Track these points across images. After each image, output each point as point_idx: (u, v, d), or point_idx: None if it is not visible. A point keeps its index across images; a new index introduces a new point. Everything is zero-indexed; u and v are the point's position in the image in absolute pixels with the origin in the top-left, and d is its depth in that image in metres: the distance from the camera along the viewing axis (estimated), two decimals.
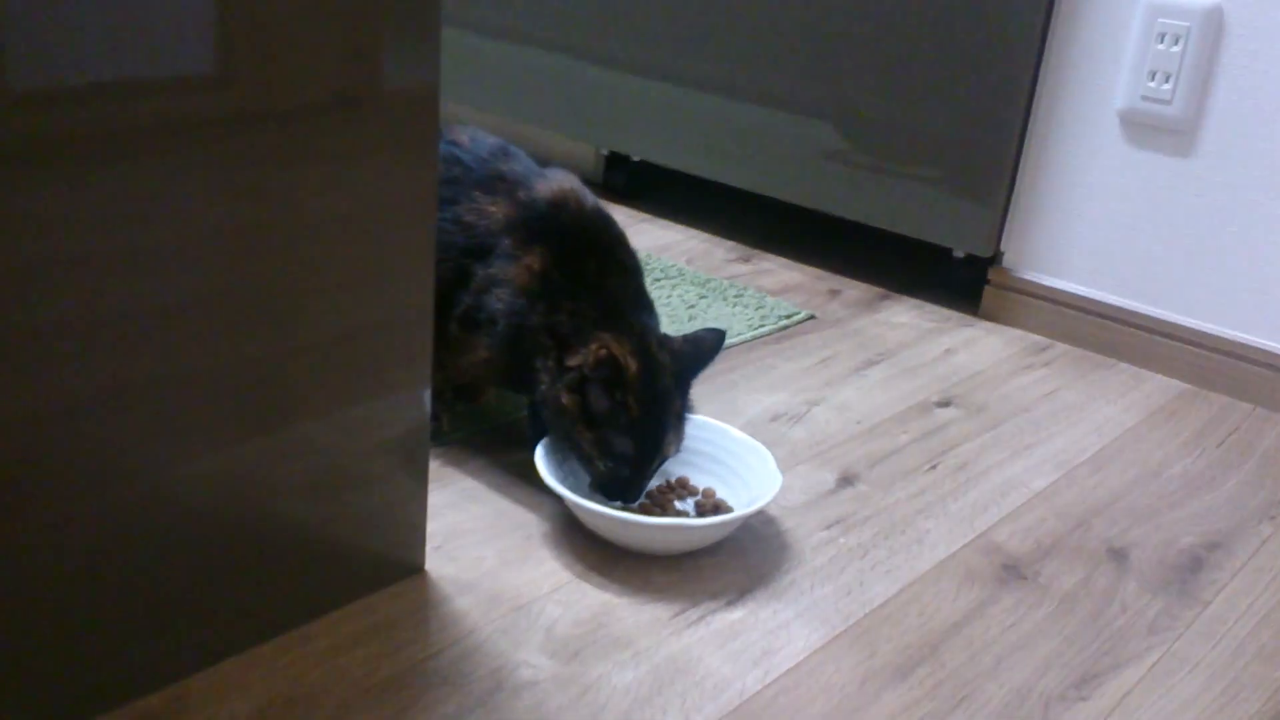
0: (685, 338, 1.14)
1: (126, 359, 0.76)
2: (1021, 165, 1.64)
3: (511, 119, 2.16)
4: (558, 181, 1.17)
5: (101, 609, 0.81)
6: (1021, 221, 1.66)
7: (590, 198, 1.18)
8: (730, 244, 1.91)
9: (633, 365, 1.05)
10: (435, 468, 1.17)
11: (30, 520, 0.75)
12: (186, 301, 0.78)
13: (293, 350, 0.86)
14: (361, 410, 0.92)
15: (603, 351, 1.04)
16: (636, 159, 2.04)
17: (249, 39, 0.76)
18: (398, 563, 1.01)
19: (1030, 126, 1.62)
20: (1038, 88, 1.60)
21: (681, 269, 1.73)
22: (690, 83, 1.89)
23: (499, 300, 1.11)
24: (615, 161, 2.08)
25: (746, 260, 1.85)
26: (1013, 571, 1.11)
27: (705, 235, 1.94)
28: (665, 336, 1.13)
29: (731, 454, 1.16)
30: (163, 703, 0.85)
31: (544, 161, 1.25)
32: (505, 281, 1.11)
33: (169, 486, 0.82)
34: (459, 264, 1.12)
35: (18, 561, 0.76)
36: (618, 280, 1.13)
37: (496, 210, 1.13)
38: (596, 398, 1.05)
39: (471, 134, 1.22)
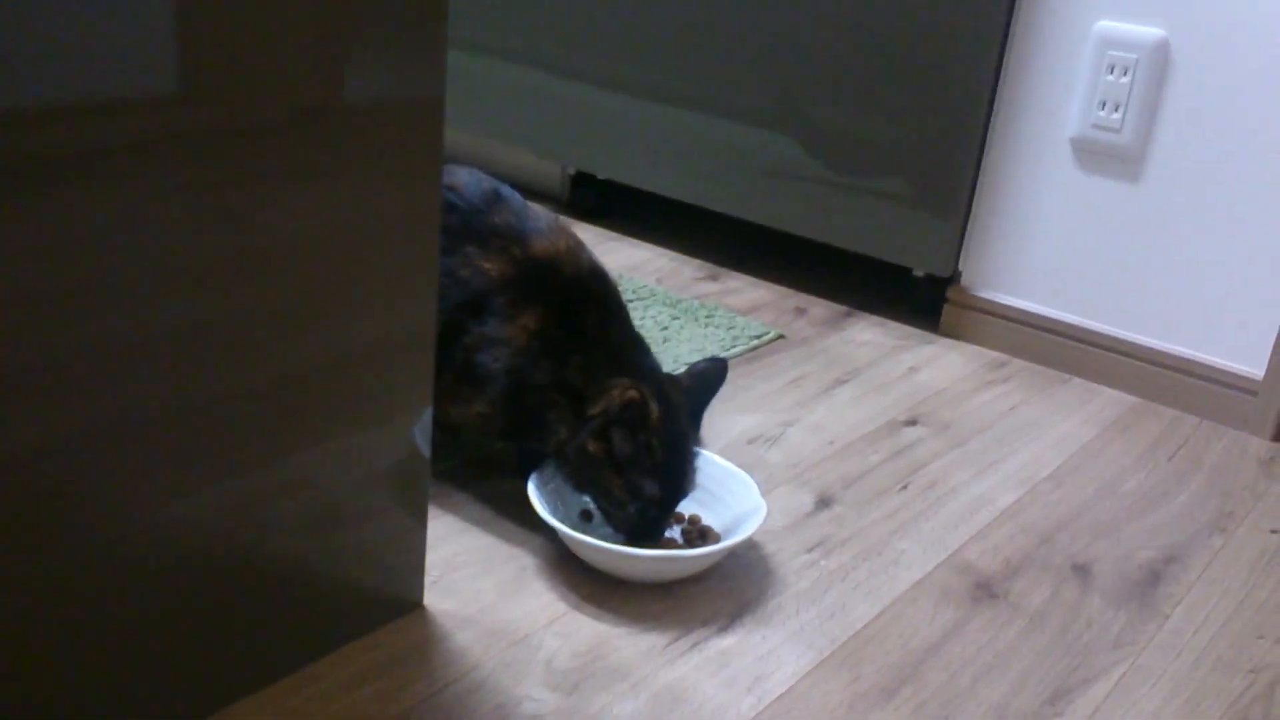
0: (690, 373, 1.18)
1: (102, 396, 0.74)
2: (978, 188, 1.70)
3: (476, 135, 2.18)
4: (552, 239, 1.19)
5: (94, 659, 0.80)
6: (979, 242, 1.73)
7: (585, 254, 1.20)
8: (698, 262, 1.96)
9: (655, 408, 1.09)
10: None
11: (10, 569, 0.73)
12: (166, 333, 0.75)
13: (283, 379, 0.84)
14: (358, 440, 0.92)
15: (631, 394, 1.07)
16: (603, 178, 2.07)
17: (226, 50, 0.73)
18: (397, 599, 1.04)
19: (987, 151, 1.68)
20: (994, 115, 1.66)
21: (653, 289, 1.77)
22: (657, 100, 1.93)
23: (496, 359, 1.13)
24: (582, 180, 2.12)
25: (715, 279, 1.90)
26: (984, 590, 1.16)
27: (673, 254, 1.98)
28: (672, 376, 1.17)
29: (715, 480, 1.20)
30: None
31: (514, 184, 1.27)
32: (502, 342, 1.13)
33: (157, 529, 0.80)
34: (453, 317, 1.14)
35: (4, 613, 0.74)
36: (618, 330, 1.17)
37: (491, 268, 1.15)
38: (622, 441, 1.08)
39: (466, 176, 1.24)
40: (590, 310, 1.16)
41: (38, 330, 0.70)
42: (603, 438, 1.09)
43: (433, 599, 1.06)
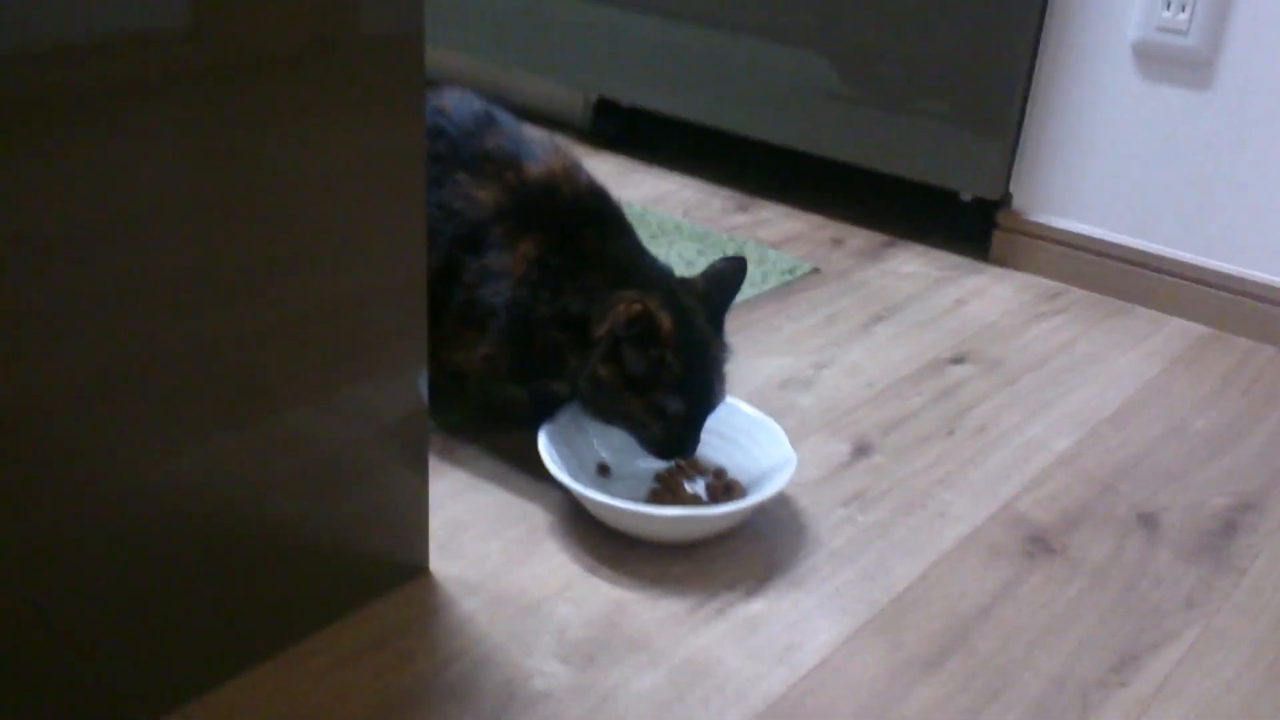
0: (705, 274, 1.07)
1: (88, 346, 0.69)
2: (1030, 102, 1.57)
3: (492, 64, 2.07)
4: (548, 161, 1.09)
5: (80, 633, 0.75)
6: (1031, 161, 1.60)
7: (583, 175, 1.11)
8: (727, 192, 1.84)
9: (666, 318, 0.99)
10: (430, 457, 1.11)
11: None
12: (156, 278, 0.71)
13: (273, 328, 0.79)
14: (353, 392, 0.85)
15: (635, 306, 0.98)
16: (626, 104, 1.96)
17: None
18: (401, 564, 0.96)
19: (1039, 60, 1.54)
20: (1046, 18, 1.52)
21: (678, 223, 1.67)
22: (682, 19, 1.81)
23: (497, 294, 1.04)
24: (604, 108, 2.00)
25: (745, 210, 1.79)
26: (1040, 544, 1.06)
27: (701, 184, 1.87)
28: (685, 280, 1.07)
29: (741, 430, 1.11)
30: None
31: (533, 114, 1.17)
32: (501, 273, 1.04)
33: (145, 489, 0.75)
34: (448, 254, 1.06)
35: None
36: (621, 244, 1.07)
37: (485, 196, 1.07)
38: (634, 359, 0.99)
39: (455, 99, 1.14)
40: (590, 230, 1.06)
41: (27, 276, 0.66)
42: (613, 359, 1.00)
43: (439, 563, 0.98)
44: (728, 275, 1.06)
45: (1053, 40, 1.53)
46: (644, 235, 1.58)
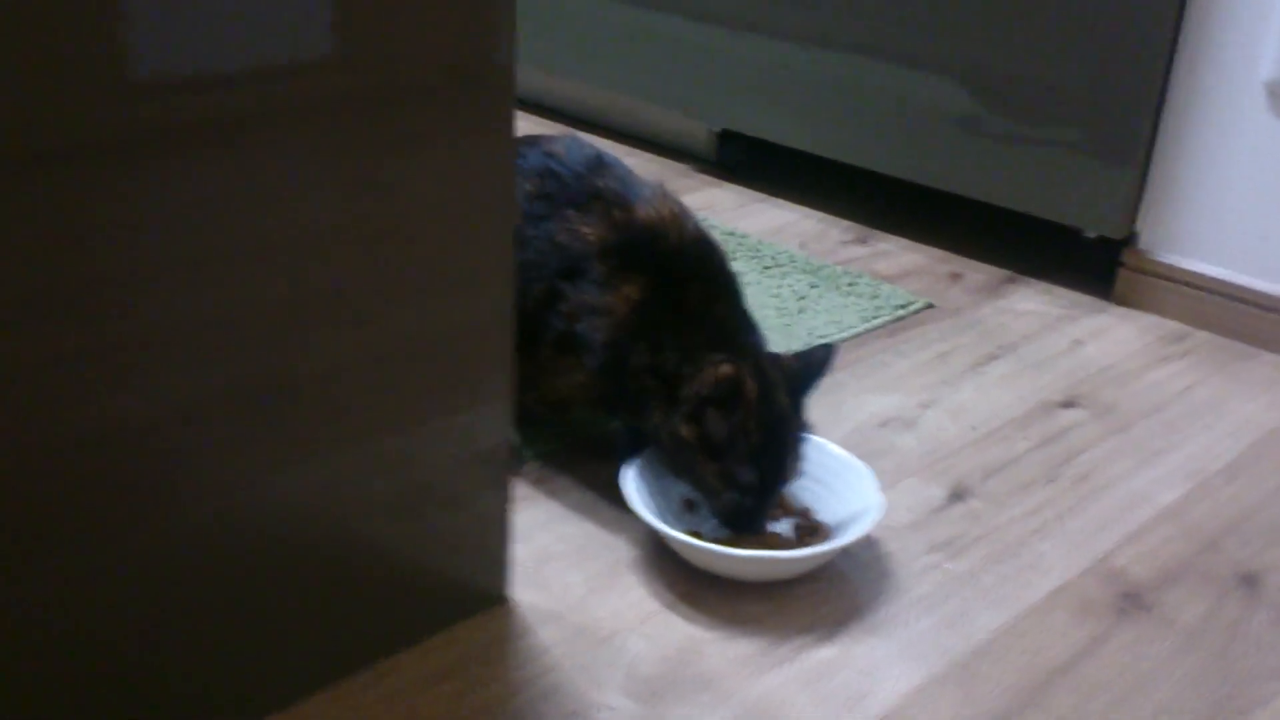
0: (796, 355, 1.09)
1: (215, 366, 0.74)
2: (1159, 137, 1.52)
3: (616, 94, 2.11)
4: (656, 205, 1.12)
5: (164, 644, 0.79)
6: (1159, 199, 1.55)
7: (691, 222, 1.13)
8: (847, 224, 1.84)
9: (753, 387, 1.01)
10: (520, 488, 1.15)
11: (111, 538, 0.73)
12: (275, 303, 0.75)
13: (377, 355, 0.83)
14: (442, 422, 0.89)
15: (725, 369, 1.00)
16: (750, 135, 1.97)
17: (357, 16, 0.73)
18: (481, 591, 0.99)
19: (1168, 94, 1.50)
20: (1176, 54, 1.48)
21: (793, 255, 1.67)
22: (807, 48, 1.81)
23: (596, 330, 1.07)
24: (728, 138, 2.02)
25: (863, 241, 1.78)
26: (1133, 601, 1.03)
27: (821, 215, 1.86)
28: (775, 355, 1.09)
29: (830, 470, 1.11)
30: None
31: (659, 144, 1.20)
32: (603, 311, 1.07)
33: (243, 507, 0.79)
34: (551, 285, 1.10)
35: (76, 591, 0.73)
36: (724, 305, 1.09)
37: (590, 232, 1.10)
38: (716, 424, 1.01)
39: (567, 143, 1.18)
40: (694, 284, 1.08)
41: (154, 301, 0.70)
42: (696, 420, 1.01)
43: (521, 591, 1.01)
44: (816, 359, 1.08)
45: (1183, 73, 1.48)
46: (757, 268, 1.61)
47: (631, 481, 1.06)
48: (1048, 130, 1.61)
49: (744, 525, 1.04)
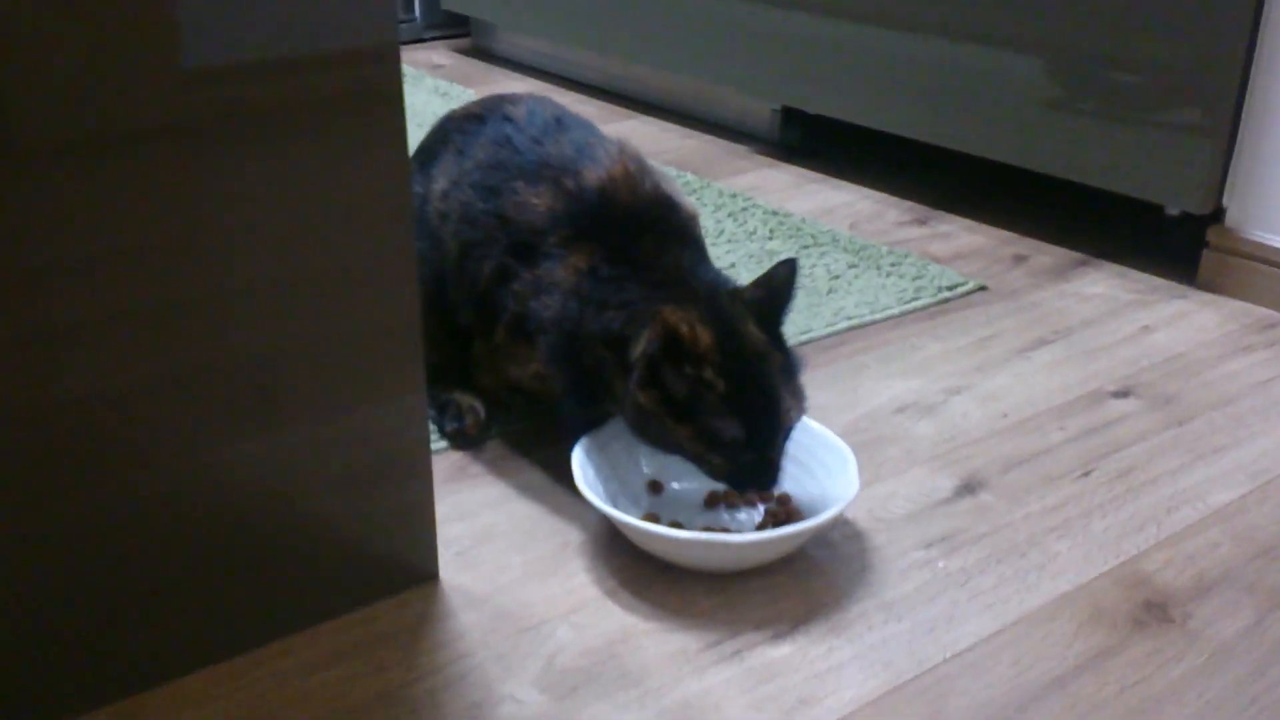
0: (757, 281, 0.96)
1: (172, 348, 0.76)
2: (1246, 106, 1.35)
3: (678, 74, 2.02)
4: (608, 165, 1.01)
5: (70, 609, 0.77)
6: (1247, 172, 1.37)
7: (648, 179, 1.02)
8: (908, 205, 1.69)
9: (704, 332, 0.89)
10: (476, 465, 1.06)
11: (61, 503, 0.74)
12: (236, 290, 0.77)
13: (303, 348, 0.81)
14: (358, 410, 0.85)
15: (667, 320, 0.88)
16: (812, 113, 1.85)
17: None
18: (407, 569, 0.91)
19: (1255, 60, 1.32)
20: (1263, 15, 1.30)
21: (836, 234, 1.54)
22: (871, 23, 1.68)
23: (546, 308, 0.97)
24: (791, 117, 1.90)
25: (923, 222, 1.63)
26: (1156, 611, 0.88)
27: (881, 195, 1.73)
28: (736, 290, 0.96)
29: (815, 457, 0.99)
30: (108, 718, 0.78)
31: (719, 126, 1.09)
32: (552, 285, 0.97)
33: (201, 473, 0.79)
34: (500, 263, 1.00)
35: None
36: (673, 253, 0.98)
37: (540, 203, 1.00)
38: (673, 383, 0.90)
39: (529, 105, 1.09)
40: (646, 242, 0.97)
41: (117, 283, 0.73)
42: (652, 383, 0.90)
43: (454, 572, 0.92)
44: (777, 278, 0.94)
45: (1271, 36, 1.30)
46: (794, 246, 1.48)
47: (579, 461, 0.95)
48: (1128, 101, 1.44)
49: (751, 482, 0.92)
